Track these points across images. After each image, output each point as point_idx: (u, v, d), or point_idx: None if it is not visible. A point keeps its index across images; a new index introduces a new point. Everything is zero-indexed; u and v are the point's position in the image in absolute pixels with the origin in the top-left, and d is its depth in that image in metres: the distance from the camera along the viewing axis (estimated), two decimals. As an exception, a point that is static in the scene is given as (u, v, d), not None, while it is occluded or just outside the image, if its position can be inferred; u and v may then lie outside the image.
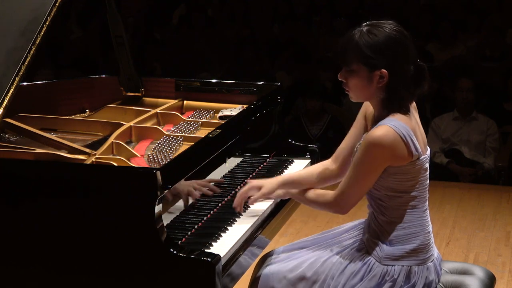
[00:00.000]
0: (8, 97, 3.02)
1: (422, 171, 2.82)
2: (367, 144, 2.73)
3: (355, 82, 2.80)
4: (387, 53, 2.74)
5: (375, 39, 2.74)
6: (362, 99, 2.87)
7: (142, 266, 2.57)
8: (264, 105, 3.69)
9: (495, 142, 6.85)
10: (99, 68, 7.83)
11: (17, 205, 2.67)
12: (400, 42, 2.76)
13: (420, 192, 2.84)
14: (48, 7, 3.17)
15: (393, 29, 2.77)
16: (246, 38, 8.82)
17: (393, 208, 2.83)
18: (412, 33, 8.89)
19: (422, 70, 2.81)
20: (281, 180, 3.06)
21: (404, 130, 2.72)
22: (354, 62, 2.77)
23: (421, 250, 2.85)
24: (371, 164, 2.74)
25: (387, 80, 2.75)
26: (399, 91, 2.76)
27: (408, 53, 2.78)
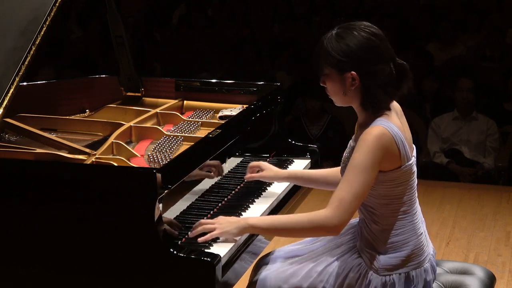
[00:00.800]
0: (8, 97, 3.02)
1: (411, 175, 2.79)
2: (364, 144, 2.69)
3: (330, 86, 2.81)
4: (355, 55, 2.71)
5: (342, 42, 2.73)
6: (342, 103, 2.85)
7: (142, 266, 2.57)
8: (264, 105, 3.69)
9: (495, 142, 6.85)
10: (99, 68, 7.83)
11: (17, 205, 2.67)
12: (369, 43, 2.72)
13: (409, 195, 2.81)
14: (48, 7, 3.17)
15: (363, 30, 2.74)
16: (246, 38, 8.82)
17: (384, 216, 2.79)
18: (412, 33, 8.85)
19: (403, 69, 2.78)
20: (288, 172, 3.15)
21: (396, 133, 2.71)
22: (325, 66, 2.78)
23: (416, 254, 2.82)
24: (369, 164, 2.68)
25: (358, 82, 2.73)
26: (373, 92, 2.73)
27: (380, 54, 2.74)
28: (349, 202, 2.68)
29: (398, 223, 2.80)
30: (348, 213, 2.69)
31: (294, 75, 8.10)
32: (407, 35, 8.44)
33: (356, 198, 2.69)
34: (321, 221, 2.69)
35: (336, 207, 2.68)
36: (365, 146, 2.69)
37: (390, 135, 2.69)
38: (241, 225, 2.74)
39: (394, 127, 2.71)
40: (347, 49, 2.72)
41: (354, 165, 2.70)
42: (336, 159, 2.89)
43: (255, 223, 2.75)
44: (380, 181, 2.73)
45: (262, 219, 2.81)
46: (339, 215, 2.68)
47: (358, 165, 2.69)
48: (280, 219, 2.80)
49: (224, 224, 2.74)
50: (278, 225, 2.75)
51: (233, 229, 2.73)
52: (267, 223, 2.77)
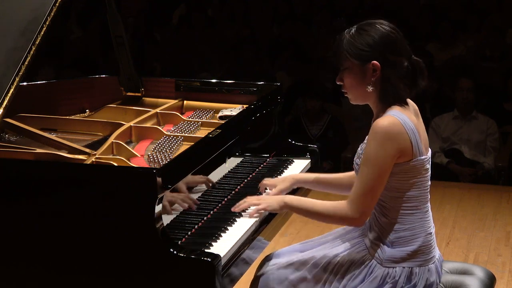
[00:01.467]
0: (8, 97, 3.02)
1: (422, 171, 2.81)
2: (375, 136, 2.72)
3: (349, 80, 2.83)
4: (378, 45, 2.78)
5: (365, 34, 2.80)
6: (360, 98, 2.86)
7: (142, 266, 2.57)
8: (264, 105, 3.69)
9: (495, 141, 6.85)
10: (99, 68, 7.83)
11: (17, 205, 2.67)
12: (390, 35, 2.81)
13: (420, 192, 2.83)
14: (48, 7, 3.17)
15: (383, 24, 2.82)
16: (246, 38, 8.82)
17: (394, 209, 2.82)
18: (412, 33, 8.85)
19: (418, 66, 2.84)
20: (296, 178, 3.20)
21: (409, 124, 2.73)
22: (346, 58, 2.81)
23: (422, 251, 2.84)
24: (381, 155, 2.71)
25: (380, 72, 2.77)
26: (393, 82, 2.77)
27: (400, 47, 2.81)
28: (364, 196, 2.75)
29: (407, 218, 2.82)
30: (366, 206, 2.76)
31: (294, 75, 8.11)
32: (407, 35, 8.40)
33: (371, 191, 2.74)
34: (343, 212, 2.79)
35: (353, 201, 2.77)
36: (375, 139, 2.72)
37: (401, 125, 2.72)
38: (280, 200, 2.95)
39: (406, 119, 2.74)
40: (371, 40, 2.78)
41: (365, 158, 2.75)
42: (336, 159, 2.89)
43: (288, 201, 2.93)
44: (392, 172, 2.76)
45: (296, 199, 2.95)
46: (357, 209, 2.76)
47: (368, 157, 2.74)
48: (310, 202, 2.90)
49: (268, 200, 2.97)
50: (307, 207, 2.88)
51: (274, 204, 2.94)
52: (297, 202, 2.92)
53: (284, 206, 2.94)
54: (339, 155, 6.79)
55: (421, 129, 2.84)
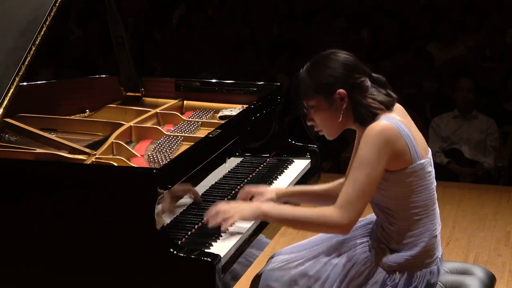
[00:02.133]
0: (8, 97, 3.02)
1: (425, 174, 2.76)
2: (368, 139, 2.66)
3: (321, 116, 2.79)
4: (338, 73, 2.74)
5: (322, 67, 2.76)
6: (335, 130, 2.82)
7: (142, 266, 2.57)
8: (264, 105, 3.69)
9: (495, 141, 6.85)
10: (99, 68, 7.83)
11: (17, 205, 2.67)
12: (348, 61, 2.76)
13: (426, 195, 2.78)
14: (48, 7, 3.17)
15: (337, 53, 2.78)
16: (246, 38, 8.82)
17: (401, 217, 2.77)
18: (412, 33, 8.85)
19: (380, 81, 2.78)
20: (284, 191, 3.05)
21: (403, 128, 2.69)
22: (310, 97, 2.77)
23: (426, 254, 2.81)
24: (372, 159, 2.64)
25: (347, 98, 2.73)
26: (364, 102, 2.73)
27: (359, 69, 2.76)
28: (354, 200, 2.65)
29: (415, 224, 2.77)
30: (355, 211, 2.66)
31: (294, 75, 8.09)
32: (407, 35, 8.44)
33: (362, 195, 2.66)
34: (329, 219, 2.68)
35: (342, 206, 2.67)
36: (368, 141, 2.66)
37: (396, 129, 2.67)
38: (256, 208, 2.77)
39: (399, 123, 2.70)
40: (329, 71, 2.74)
41: (357, 161, 2.68)
42: (336, 159, 2.88)
43: (267, 210, 2.77)
44: (394, 181, 2.71)
45: (274, 207, 2.80)
46: (345, 215, 2.66)
47: (361, 161, 2.67)
48: (291, 210, 2.78)
49: (240, 207, 2.77)
50: (288, 216, 2.76)
51: (247, 212, 2.76)
52: (278, 212, 2.77)
53: (261, 215, 2.77)
54: (339, 155, 6.79)
55: (414, 131, 2.79)
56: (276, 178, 3.46)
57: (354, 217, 2.68)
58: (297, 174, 3.57)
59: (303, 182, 3.58)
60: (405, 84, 7.48)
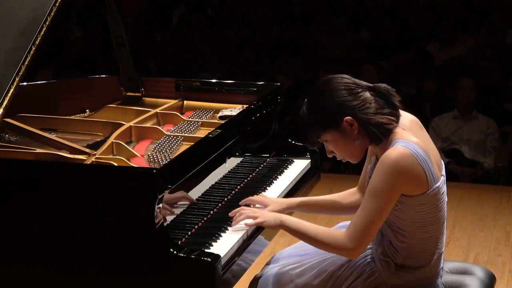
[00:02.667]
0: (8, 97, 3.02)
1: (440, 196, 2.73)
2: (383, 168, 2.60)
3: (337, 147, 2.76)
4: (337, 103, 2.69)
5: (319, 103, 2.72)
6: (358, 154, 2.77)
7: (142, 266, 2.56)
8: (264, 105, 3.69)
9: (495, 141, 6.85)
10: (99, 68, 7.83)
11: (17, 205, 2.67)
12: (340, 85, 2.70)
13: (441, 215, 2.75)
14: (48, 7, 3.17)
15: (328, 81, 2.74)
16: (246, 38, 8.82)
17: (413, 237, 2.73)
18: (412, 33, 8.85)
19: (383, 89, 2.72)
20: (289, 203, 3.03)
21: (419, 154, 2.62)
22: (320, 134, 2.74)
23: (432, 270, 2.79)
24: (388, 190, 2.60)
25: (356, 122, 2.68)
26: (373, 121, 2.67)
27: (355, 87, 2.70)
28: (364, 229, 2.64)
29: (424, 244, 2.75)
30: (364, 239, 2.66)
31: (294, 75, 8.10)
32: (407, 35, 8.44)
33: (371, 225, 2.64)
34: (339, 243, 2.69)
35: (352, 233, 2.66)
36: (382, 171, 2.61)
37: (412, 156, 2.60)
38: (277, 218, 2.82)
39: (416, 147, 2.62)
40: (328, 103, 2.70)
41: (369, 190, 2.65)
42: (336, 159, 2.86)
43: (285, 220, 2.80)
44: (410, 205, 2.67)
45: (291, 220, 2.81)
46: (354, 241, 2.66)
47: (372, 191, 2.63)
48: (306, 226, 2.77)
49: (265, 214, 2.84)
50: (302, 230, 2.76)
51: (271, 220, 2.81)
52: (294, 224, 2.79)
53: (280, 225, 2.81)
54: (339, 155, 6.78)
55: (429, 146, 2.73)
56: (276, 178, 3.46)
57: (362, 244, 2.67)
58: (297, 174, 3.57)
59: (303, 182, 3.58)
60: (405, 84, 7.48)
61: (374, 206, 2.62)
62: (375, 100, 2.69)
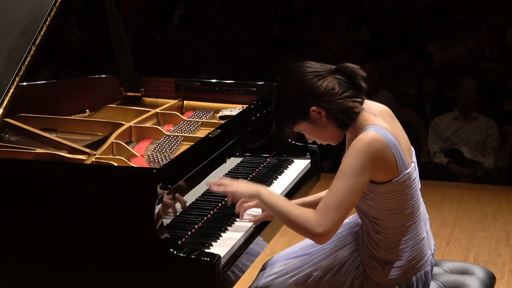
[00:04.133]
0: (8, 97, 3.02)
1: (411, 183, 2.71)
2: (354, 150, 2.61)
3: (312, 135, 2.77)
4: (299, 95, 2.69)
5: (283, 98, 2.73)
6: (333, 139, 2.78)
7: (142, 266, 2.56)
8: (264, 105, 3.69)
9: (495, 142, 6.85)
10: (99, 68, 7.83)
11: (17, 205, 2.67)
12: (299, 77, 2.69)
13: (412, 203, 2.73)
14: (48, 7, 3.17)
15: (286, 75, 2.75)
16: (246, 38, 8.82)
17: (388, 227, 2.73)
18: (412, 33, 8.84)
19: (347, 70, 2.70)
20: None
21: (390, 139, 2.62)
22: (292, 127, 2.75)
23: (417, 259, 2.78)
24: (355, 169, 2.59)
25: (323, 110, 2.68)
26: (339, 108, 2.66)
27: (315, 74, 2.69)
28: (333, 210, 2.60)
29: (400, 232, 2.75)
30: (333, 221, 2.61)
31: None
32: (407, 35, 8.44)
33: (341, 205, 2.60)
34: (307, 223, 2.63)
35: (321, 214, 2.62)
36: (353, 152, 2.61)
37: (383, 141, 2.61)
38: (254, 189, 2.77)
39: (387, 133, 2.63)
40: (292, 97, 2.70)
41: (340, 170, 2.64)
42: (336, 159, 2.88)
43: (262, 193, 2.75)
44: (381, 193, 2.67)
45: (269, 194, 2.77)
46: (323, 223, 2.61)
47: (343, 171, 2.62)
48: (281, 203, 2.73)
49: (241, 184, 2.81)
50: (276, 206, 2.71)
51: (245, 190, 2.78)
52: (269, 199, 2.74)
53: (256, 195, 2.75)
54: (339, 155, 6.77)
55: (400, 134, 2.73)
56: (276, 178, 3.46)
57: (330, 226, 2.61)
58: (297, 174, 3.57)
59: (303, 182, 3.58)
60: (405, 84, 7.49)
61: (344, 186, 2.60)
62: (338, 83, 2.68)
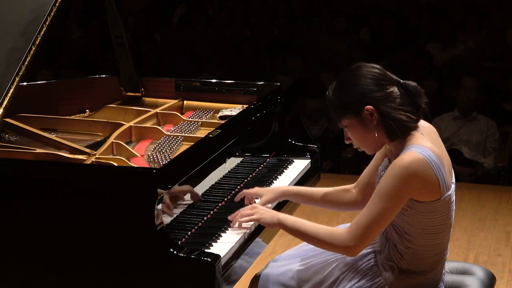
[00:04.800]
0: (8, 97, 3.03)
1: (451, 204, 2.70)
2: (394, 171, 2.58)
3: (355, 135, 2.75)
4: (362, 90, 2.68)
5: (347, 86, 2.72)
6: (374, 145, 2.76)
7: (142, 266, 2.56)
8: (264, 105, 3.69)
9: (495, 142, 6.86)
10: (99, 68, 7.83)
11: (17, 205, 2.67)
12: (371, 74, 2.69)
13: (449, 223, 2.72)
14: (48, 7, 3.17)
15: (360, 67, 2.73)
16: (246, 38, 8.83)
17: (419, 244, 2.71)
18: (412, 33, 8.84)
19: (411, 87, 2.70)
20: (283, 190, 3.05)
21: (434, 160, 2.60)
22: (341, 118, 2.74)
23: (435, 276, 2.78)
24: (397, 193, 2.58)
25: (377, 113, 2.67)
26: (393, 116, 2.66)
27: (385, 79, 2.70)
28: (365, 228, 2.62)
29: (430, 251, 2.73)
30: (365, 238, 2.64)
31: (294, 75, 8.11)
32: (407, 35, 8.44)
33: (374, 225, 2.62)
34: (338, 240, 2.67)
35: (353, 231, 2.65)
36: (393, 172, 2.59)
37: (426, 162, 2.59)
38: (274, 216, 2.81)
39: (430, 153, 2.61)
40: (353, 89, 2.69)
41: (377, 191, 2.63)
42: (336, 159, 2.88)
43: (282, 219, 2.79)
44: (419, 211, 2.65)
45: (289, 218, 2.80)
46: (355, 240, 2.64)
47: (380, 192, 2.61)
48: (304, 224, 2.76)
49: (262, 211, 2.83)
50: (300, 228, 2.75)
51: (267, 217, 2.81)
52: (291, 223, 2.77)
53: (277, 224, 2.80)
54: (339, 155, 6.79)
55: (443, 154, 2.71)
56: (276, 178, 3.46)
57: (362, 243, 2.66)
58: (297, 174, 3.57)
59: (303, 182, 3.58)
60: (405, 84, 7.47)
61: (380, 207, 2.60)
62: (400, 97, 2.68)
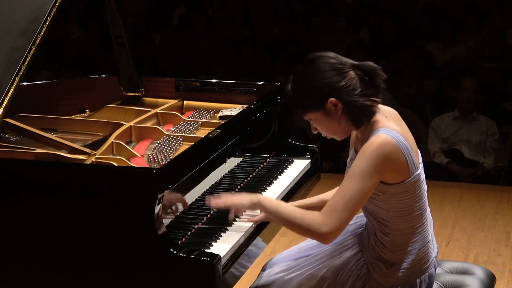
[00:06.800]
0: (8, 97, 3.03)
1: (420, 184, 2.72)
2: (365, 152, 2.61)
3: (321, 126, 2.76)
4: (320, 84, 2.67)
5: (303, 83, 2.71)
6: (343, 133, 2.77)
7: (142, 266, 2.57)
8: (264, 105, 3.69)
9: (495, 142, 6.86)
10: (99, 68, 7.83)
11: (17, 205, 2.67)
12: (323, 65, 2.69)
13: (421, 204, 2.74)
14: (48, 7, 3.17)
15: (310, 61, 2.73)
16: (246, 38, 8.82)
17: (396, 228, 2.73)
18: (412, 33, 8.84)
19: (369, 68, 2.69)
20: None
21: (402, 141, 2.63)
22: (305, 113, 2.74)
23: (422, 262, 2.79)
24: (366, 172, 2.59)
25: (340, 103, 2.67)
26: (357, 103, 2.66)
27: (339, 66, 2.68)
28: (340, 211, 2.61)
29: (408, 234, 2.75)
30: (339, 222, 2.61)
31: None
32: (407, 35, 8.44)
33: (349, 206, 2.61)
34: (311, 224, 2.64)
35: (327, 214, 2.63)
36: (365, 154, 2.61)
37: (395, 144, 2.61)
38: (254, 197, 2.81)
39: (398, 135, 2.64)
40: (312, 84, 2.69)
41: (350, 172, 2.64)
42: (336, 159, 2.88)
43: (262, 201, 2.79)
44: (391, 194, 2.67)
45: (270, 201, 2.81)
46: (329, 223, 2.61)
47: (353, 173, 2.62)
48: (283, 207, 2.76)
49: (241, 195, 2.84)
50: (278, 211, 2.74)
51: (246, 201, 2.80)
52: (271, 205, 2.77)
53: (257, 204, 2.78)
54: (339, 155, 6.79)
55: (408, 136, 2.73)
56: (276, 178, 3.46)
57: (336, 227, 2.62)
58: (297, 174, 3.57)
59: (303, 182, 3.58)
60: (405, 84, 7.48)
61: (352, 187, 2.60)
62: (359, 80, 2.68)
